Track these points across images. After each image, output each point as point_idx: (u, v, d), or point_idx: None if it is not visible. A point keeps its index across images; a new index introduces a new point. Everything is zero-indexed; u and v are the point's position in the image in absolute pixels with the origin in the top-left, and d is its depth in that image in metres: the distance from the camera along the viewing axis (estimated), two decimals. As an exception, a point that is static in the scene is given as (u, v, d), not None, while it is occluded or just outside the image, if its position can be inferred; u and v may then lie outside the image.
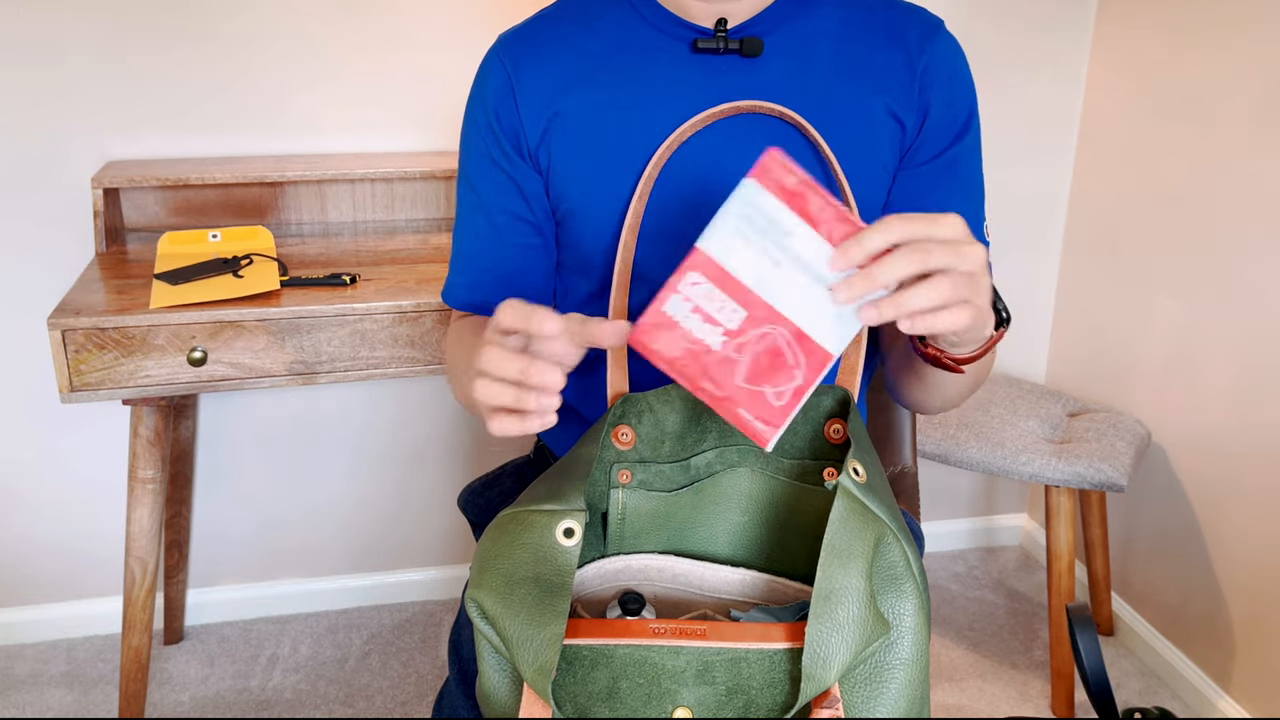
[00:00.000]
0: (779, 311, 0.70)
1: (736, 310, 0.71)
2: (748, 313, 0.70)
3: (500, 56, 0.98)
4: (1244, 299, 1.70)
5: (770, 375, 0.70)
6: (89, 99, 1.73)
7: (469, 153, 1.01)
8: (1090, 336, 2.10)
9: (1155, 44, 1.87)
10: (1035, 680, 1.92)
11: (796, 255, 0.70)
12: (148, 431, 1.50)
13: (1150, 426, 1.93)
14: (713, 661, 0.68)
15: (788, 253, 0.70)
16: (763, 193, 0.70)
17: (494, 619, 0.69)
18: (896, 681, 0.69)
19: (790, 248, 0.70)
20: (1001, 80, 2.03)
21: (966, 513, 2.35)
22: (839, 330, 0.70)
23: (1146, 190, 1.91)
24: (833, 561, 0.67)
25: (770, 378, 0.70)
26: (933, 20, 0.96)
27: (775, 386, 0.70)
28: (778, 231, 0.70)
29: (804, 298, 0.70)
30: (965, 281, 0.69)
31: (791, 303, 0.70)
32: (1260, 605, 1.70)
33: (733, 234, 0.71)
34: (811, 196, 0.69)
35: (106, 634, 2.00)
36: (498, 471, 1.13)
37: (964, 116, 0.96)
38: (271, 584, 2.07)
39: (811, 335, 0.70)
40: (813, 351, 0.70)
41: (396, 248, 1.70)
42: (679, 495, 0.83)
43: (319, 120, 1.82)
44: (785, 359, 0.70)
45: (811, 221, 0.69)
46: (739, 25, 0.94)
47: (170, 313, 1.39)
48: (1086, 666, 0.75)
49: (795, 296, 0.70)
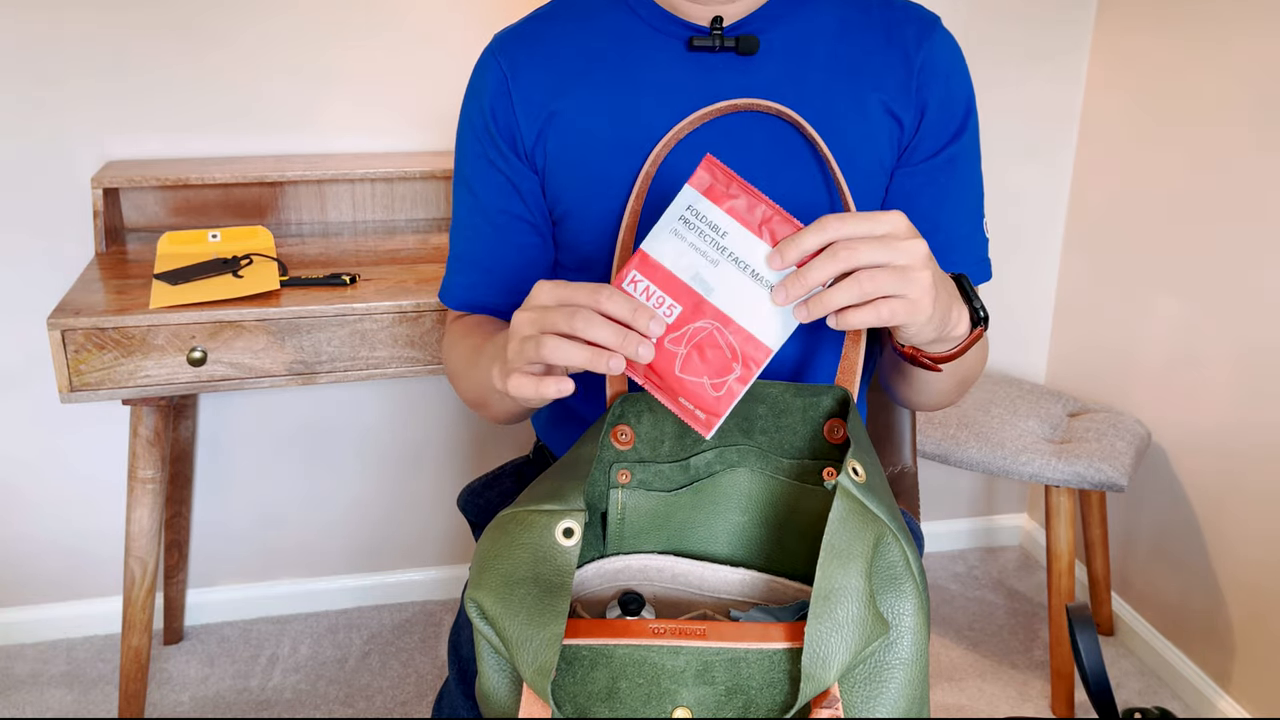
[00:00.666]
0: (716, 307, 0.75)
1: (674, 306, 0.75)
2: (684, 308, 0.75)
3: (496, 56, 0.98)
4: (1244, 299, 1.70)
5: (708, 368, 0.74)
6: (89, 99, 1.73)
7: (465, 153, 1.01)
8: (1090, 336, 2.10)
9: (1155, 43, 1.87)
10: (1035, 680, 1.92)
11: (733, 254, 0.74)
12: (148, 431, 1.50)
13: (1150, 426, 1.93)
14: (712, 661, 0.68)
15: (724, 253, 0.75)
16: (699, 198, 0.75)
17: (493, 619, 0.69)
18: (896, 681, 0.69)
19: (726, 248, 0.74)
20: (1001, 79, 2.03)
21: (966, 513, 2.35)
22: (777, 327, 0.74)
23: (1146, 190, 1.91)
24: (832, 561, 0.67)
25: (708, 370, 0.74)
26: (929, 17, 0.96)
27: (714, 379, 0.74)
28: (715, 233, 0.75)
29: (740, 295, 0.74)
30: (896, 276, 0.71)
31: (728, 299, 0.74)
32: (1260, 605, 1.70)
33: (672, 235, 0.75)
34: (746, 199, 0.74)
35: (106, 634, 2.00)
36: (497, 471, 1.13)
37: (962, 114, 0.96)
38: (271, 584, 2.07)
39: (749, 330, 0.74)
40: (750, 345, 0.74)
41: (396, 248, 1.70)
42: (678, 495, 0.83)
43: (319, 120, 1.82)
44: (723, 353, 0.74)
45: (747, 222, 0.74)
46: (735, 23, 0.94)
47: (170, 313, 1.39)
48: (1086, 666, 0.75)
49: (732, 294, 0.74)
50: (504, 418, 0.97)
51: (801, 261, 0.72)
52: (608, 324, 0.72)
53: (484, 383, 0.90)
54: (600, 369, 0.72)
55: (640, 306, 0.73)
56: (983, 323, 0.83)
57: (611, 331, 0.71)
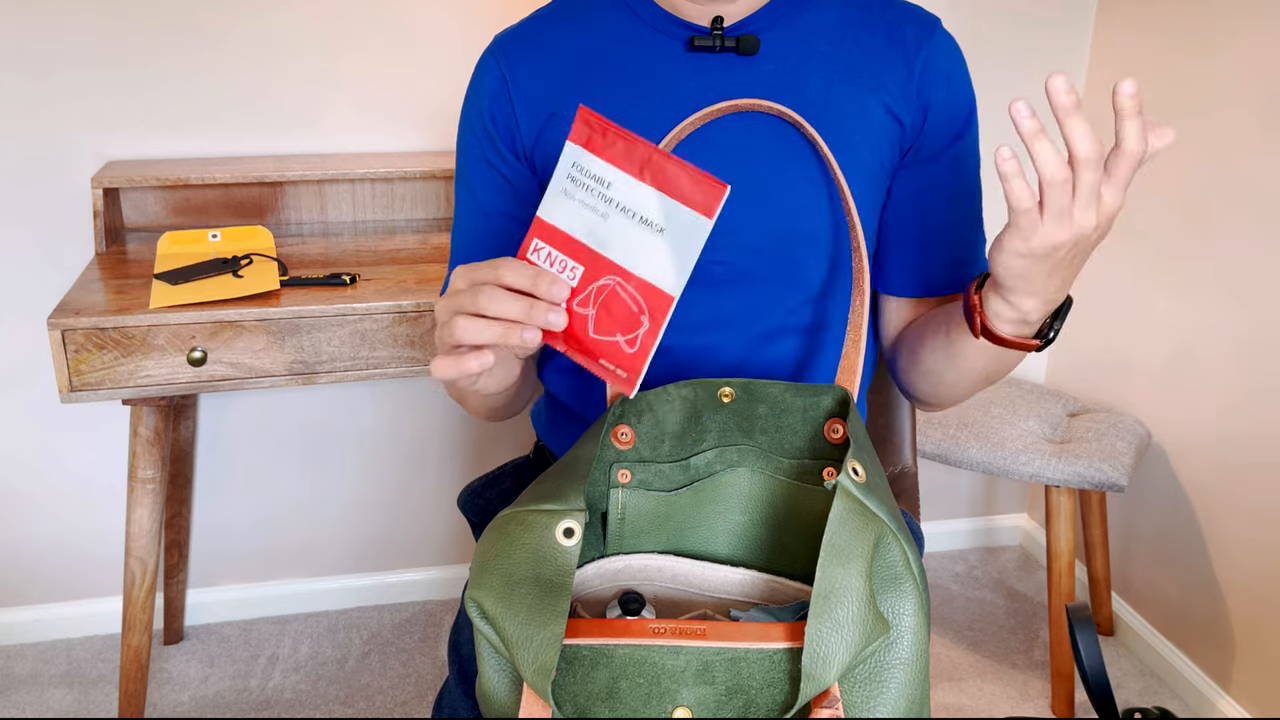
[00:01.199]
0: (613, 261, 0.74)
1: (576, 267, 0.74)
2: (585, 268, 0.74)
3: (496, 57, 0.98)
4: (1244, 299, 1.70)
5: (619, 324, 0.74)
6: (89, 99, 1.73)
7: (465, 154, 1.01)
8: (1090, 336, 2.10)
9: (1155, 44, 1.87)
10: (1035, 680, 1.92)
11: (620, 204, 0.73)
12: (148, 431, 1.50)
13: (1150, 427, 1.93)
14: (712, 661, 0.68)
15: (611, 204, 0.73)
16: (581, 152, 0.74)
17: (494, 619, 0.69)
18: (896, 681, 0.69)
19: (613, 198, 0.73)
20: (1001, 79, 2.03)
21: (966, 513, 2.35)
22: (673, 272, 0.73)
23: (1146, 190, 1.91)
24: (832, 561, 0.67)
25: (619, 326, 0.74)
26: (930, 19, 0.96)
27: (626, 334, 0.74)
28: (600, 185, 0.74)
29: (634, 244, 0.73)
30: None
31: (623, 251, 0.73)
32: (1260, 605, 1.70)
33: (562, 196, 0.74)
34: (624, 144, 0.73)
35: (106, 634, 2.00)
36: (497, 471, 1.13)
37: (964, 116, 0.96)
38: (271, 584, 2.07)
39: (647, 279, 0.73)
40: (653, 295, 0.73)
41: (396, 247, 1.70)
42: (678, 495, 0.83)
43: (319, 120, 1.82)
44: (629, 307, 0.74)
45: (628, 169, 0.73)
46: (735, 24, 0.94)
47: (170, 313, 1.39)
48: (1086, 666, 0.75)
49: (626, 244, 0.73)
50: (483, 411, 0.98)
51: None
52: (513, 297, 0.72)
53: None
54: (515, 343, 0.72)
55: (541, 272, 0.72)
56: (1047, 342, 0.83)
57: (517, 304, 0.72)
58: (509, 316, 0.72)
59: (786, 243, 0.94)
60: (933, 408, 1.04)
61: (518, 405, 1.02)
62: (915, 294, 1.00)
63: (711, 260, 0.94)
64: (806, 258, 0.95)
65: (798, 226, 0.93)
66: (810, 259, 0.95)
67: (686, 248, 0.72)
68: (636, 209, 0.73)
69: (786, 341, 0.98)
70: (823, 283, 0.96)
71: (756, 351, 0.98)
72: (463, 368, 0.73)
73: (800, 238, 0.94)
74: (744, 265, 0.94)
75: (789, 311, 0.97)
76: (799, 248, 0.94)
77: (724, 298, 0.96)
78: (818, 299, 0.97)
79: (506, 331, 0.72)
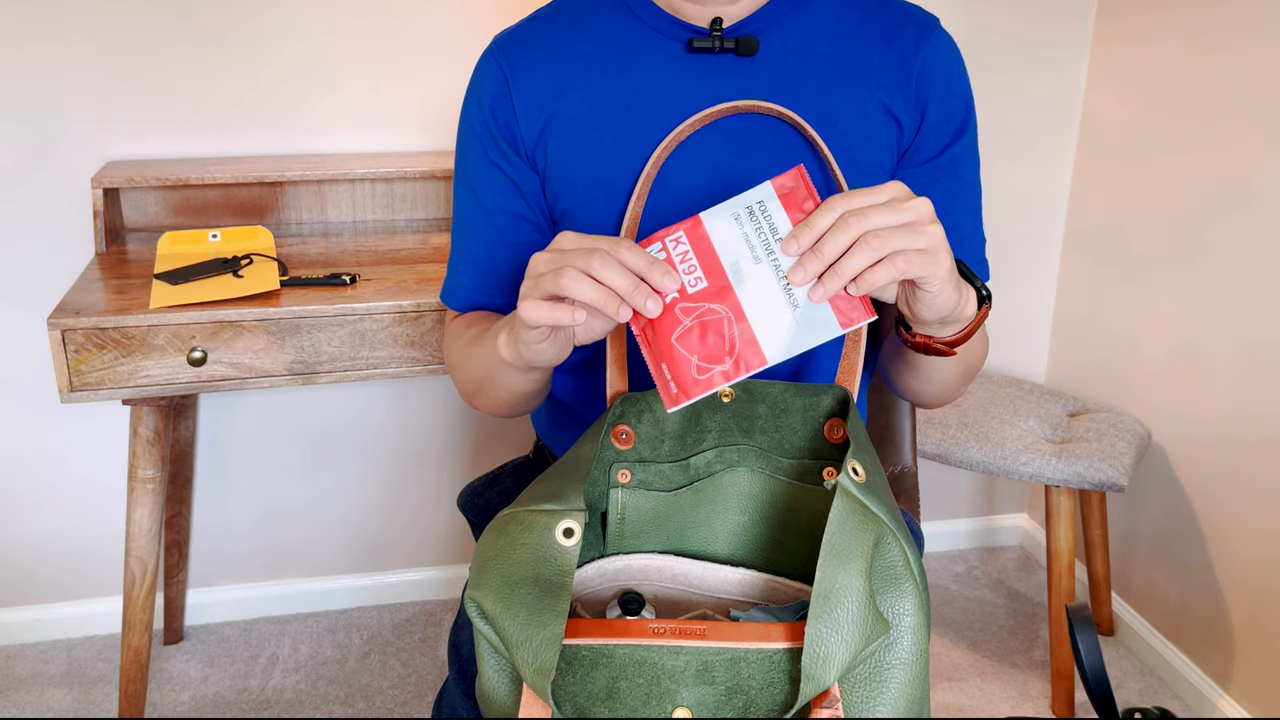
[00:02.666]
0: (737, 299, 0.74)
1: (702, 280, 0.75)
2: (709, 287, 0.74)
3: (496, 57, 0.98)
4: (1244, 299, 1.70)
5: (703, 349, 0.74)
6: (89, 99, 1.73)
7: (466, 154, 1.01)
8: (1090, 336, 2.10)
9: (1155, 44, 1.87)
10: (1035, 680, 1.92)
11: (777, 260, 0.74)
12: (148, 431, 1.50)
13: (1150, 426, 1.93)
14: (712, 661, 0.68)
15: (770, 255, 0.74)
16: (774, 197, 0.75)
17: (493, 619, 0.69)
18: (896, 681, 0.69)
19: (775, 251, 0.74)
20: (1001, 80, 2.03)
21: (966, 513, 2.35)
22: (783, 342, 0.73)
23: (1146, 190, 1.91)
24: (832, 561, 0.67)
25: (701, 351, 0.74)
26: (928, 19, 0.96)
27: (702, 360, 0.74)
28: (772, 234, 0.74)
29: (766, 299, 0.73)
30: (907, 232, 0.72)
31: (752, 298, 0.74)
32: (1260, 605, 1.70)
33: (731, 219, 0.75)
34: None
35: (106, 634, 2.00)
36: (497, 471, 1.13)
37: (962, 116, 0.96)
38: (271, 584, 2.07)
39: (756, 334, 0.73)
40: (751, 347, 0.73)
41: (396, 248, 1.70)
42: (678, 495, 0.83)
43: (319, 120, 1.82)
44: (723, 342, 0.74)
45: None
46: (734, 25, 0.94)
47: (170, 313, 1.39)
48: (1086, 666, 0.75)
49: (759, 294, 0.74)
50: (504, 400, 0.96)
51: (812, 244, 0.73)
52: (624, 271, 0.73)
53: (489, 358, 0.90)
54: (610, 312, 0.73)
55: (656, 262, 0.73)
56: (987, 300, 0.84)
57: (626, 279, 0.73)
58: (614, 287, 0.73)
59: (787, 242, 0.94)
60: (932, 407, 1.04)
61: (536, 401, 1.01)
62: None
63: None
64: (806, 257, 0.95)
65: (798, 226, 0.93)
66: (810, 259, 0.95)
67: (807, 334, 0.73)
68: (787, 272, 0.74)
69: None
70: (823, 282, 0.96)
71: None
72: (557, 315, 0.74)
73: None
74: (744, 265, 0.94)
75: (789, 311, 0.97)
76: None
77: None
78: (818, 299, 0.97)
79: (607, 299, 0.73)
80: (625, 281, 0.73)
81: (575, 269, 0.73)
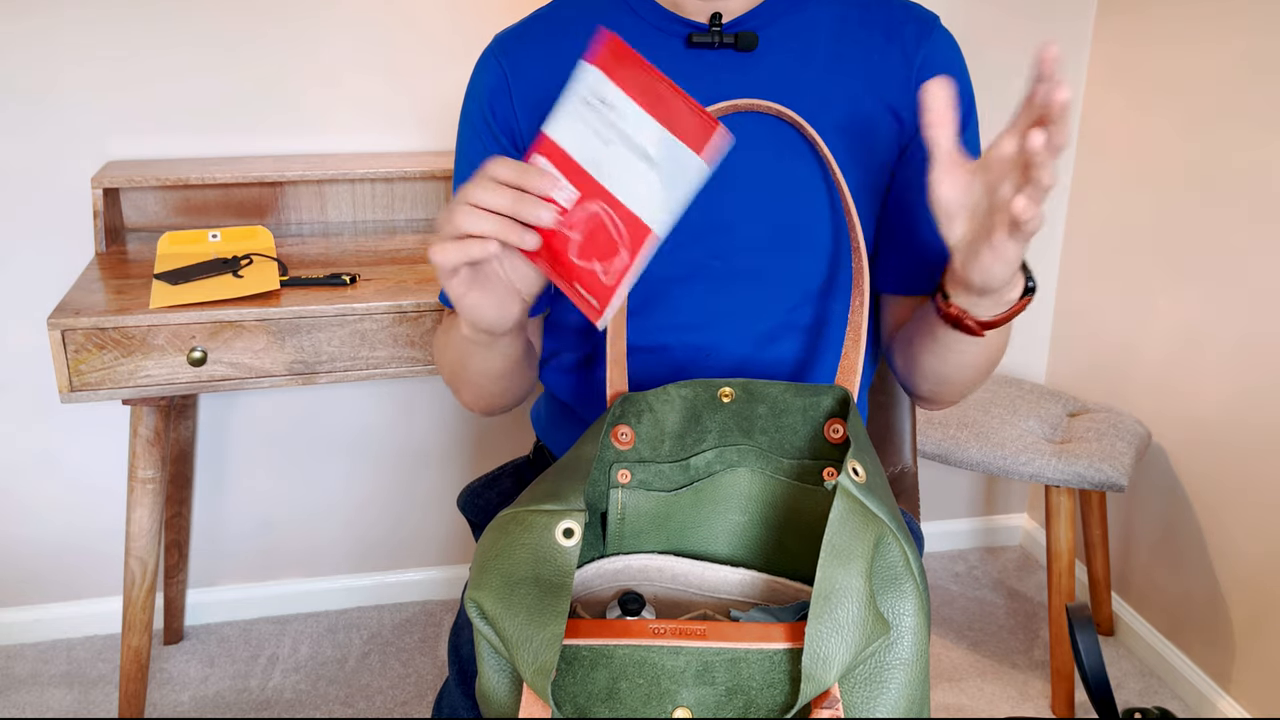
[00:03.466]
0: (605, 188, 0.73)
1: (572, 191, 0.74)
2: (580, 192, 0.74)
3: (496, 55, 0.98)
4: (1244, 299, 1.70)
5: (599, 252, 0.74)
6: (89, 99, 1.73)
7: (466, 151, 1.01)
8: (1090, 336, 2.10)
9: (1155, 44, 1.87)
10: (1035, 680, 1.92)
11: (626, 135, 0.73)
12: (148, 431, 1.50)
13: (1150, 426, 1.93)
14: (712, 662, 0.68)
15: (618, 131, 0.73)
16: (599, 76, 0.73)
17: (494, 619, 0.69)
18: (896, 681, 0.69)
19: (621, 128, 0.73)
20: (1001, 79, 2.03)
21: (966, 513, 2.35)
22: (659, 208, 0.72)
23: (1146, 190, 1.91)
24: (832, 561, 0.67)
25: (599, 254, 0.74)
26: (929, 16, 0.96)
27: (604, 264, 0.74)
28: (612, 113, 0.73)
29: (630, 176, 0.72)
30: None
31: (618, 180, 0.73)
32: (1260, 605, 1.70)
33: (572, 117, 0.74)
34: (645, 76, 0.72)
35: (106, 634, 2.00)
36: (497, 471, 1.13)
37: (963, 112, 0.96)
38: (271, 584, 2.07)
39: (635, 211, 0.73)
40: (636, 227, 0.73)
41: (396, 248, 1.70)
42: (678, 495, 0.83)
43: (319, 120, 1.82)
44: (611, 236, 0.73)
45: (643, 101, 0.72)
46: (734, 20, 0.94)
47: (170, 313, 1.39)
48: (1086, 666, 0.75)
49: (622, 174, 0.73)
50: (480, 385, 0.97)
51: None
52: (504, 190, 0.73)
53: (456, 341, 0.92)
54: (513, 239, 0.73)
55: (525, 169, 0.73)
56: (1031, 292, 0.83)
57: (506, 196, 0.73)
58: (499, 209, 0.73)
59: (786, 241, 0.94)
60: (936, 405, 1.03)
61: (514, 390, 1.00)
62: (913, 291, 1.00)
63: (711, 258, 0.94)
64: (806, 256, 0.95)
65: (797, 224, 0.93)
66: (810, 257, 0.95)
67: (679, 187, 0.72)
68: (640, 141, 0.72)
69: (787, 340, 0.98)
70: (822, 281, 0.96)
71: (757, 350, 0.97)
72: (466, 249, 0.74)
73: (800, 236, 0.94)
74: (744, 263, 0.94)
75: (789, 310, 0.97)
76: (799, 246, 0.94)
77: (724, 296, 0.96)
78: (818, 298, 0.97)
79: (502, 226, 0.73)
80: (506, 199, 0.73)
81: (465, 204, 0.73)
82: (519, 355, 0.93)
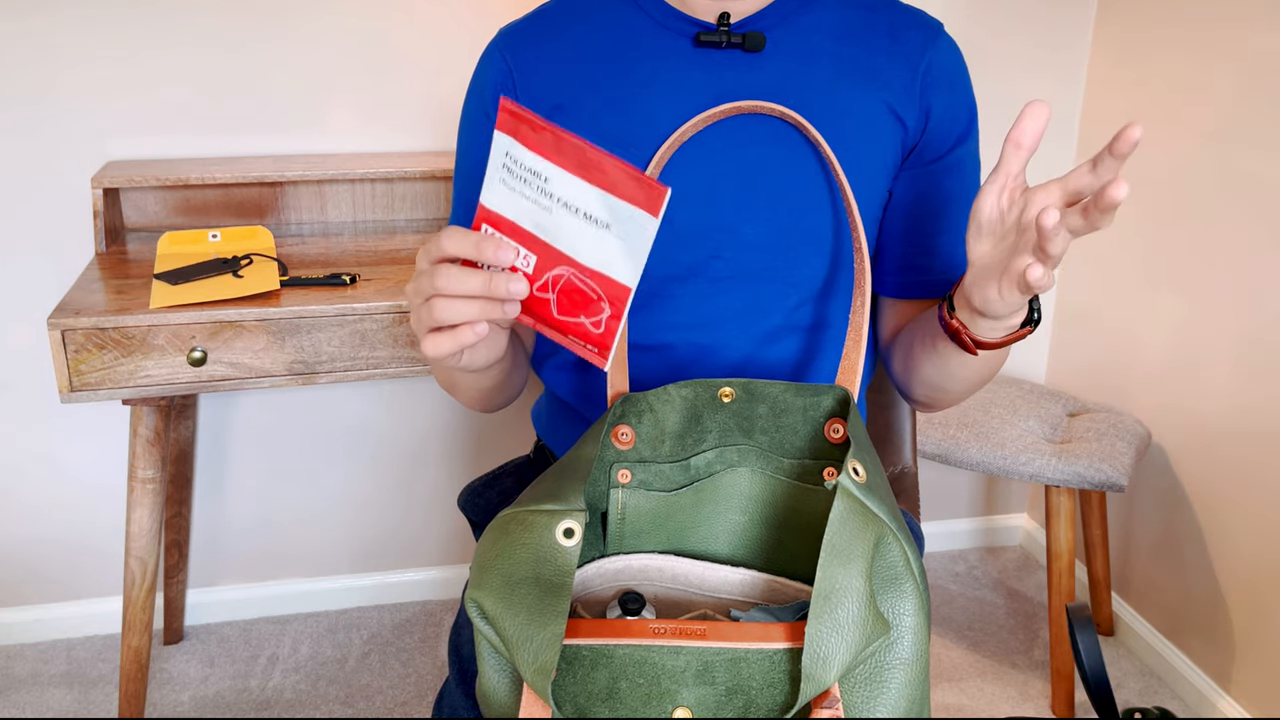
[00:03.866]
0: (564, 254, 0.73)
1: (529, 256, 0.74)
2: (538, 257, 0.74)
3: (501, 51, 0.98)
4: (1244, 299, 1.70)
5: (580, 309, 0.74)
6: (89, 99, 1.73)
7: (467, 147, 1.01)
8: (1090, 336, 2.10)
9: (1155, 44, 1.87)
10: (1035, 680, 1.92)
11: (561, 199, 0.72)
12: (148, 431, 1.50)
13: (1150, 426, 1.93)
14: (713, 661, 0.68)
15: (552, 198, 0.73)
16: (513, 143, 0.73)
17: (494, 619, 0.69)
18: (896, 681, 0.69)
19: (552, 193, 0.73)
20: (1002, 80, 2.03)
21: (966, 513, 2.35)
22: (628, 264, 0.72)
23: (1146, 190, 1.91)
24: (833, 561, 0.67)
25: (582, 310, 0.74)
26: (933, 23, 0.96)
27: (590, 318, 0.74)
28: (537, 178, 0.73)
29: (582, 239, 0.73)
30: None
31: (573, 245, 0.73)
32: (1260, 605, 1.70)
33: (501, 185, 0.74)
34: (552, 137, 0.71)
35: (106, 634, 2.00)
36: (498, 471, 1.13)
37: (965, 119, 0.97)
38: (271, 584, 2.07)
39: (603, 272, 0.73)
40: (610, 285, 0.73)
41: (396, 248, 1.70)
42: (679, 495, 0.83)
43: (319, 120, 1.82)
44: (587, 294, 0.74)
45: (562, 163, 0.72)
46: (741, 21, 0.94)
47: (170, 313, 1.39)
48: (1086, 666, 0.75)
49: (574, 239, 0.73)
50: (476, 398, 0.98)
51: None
52: (470, 272, 0.72)
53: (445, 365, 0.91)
54: (496, 316, 0.73)
55: (483, 239, 0.72)
56: (1033, 324, 0.84)
57: (476, 278, 0.72)
58: (471, 292, 0.72)
59: (788, 241, 0.94)
60: (931, 409, 1.04)
61: (510, 391, 1.01)
62: (911, 296, 1.01)
63: (713, 258, 0.94)
64: (808, 256, 0.95)
65: (799, 225, 0.94)
66: (811, 258, 0.95)
67: (636, 243, 0.72)
68: (579, 205, 0.72)
69: (788, 340, 0.98)
70: (824, 282, 0.96)
71: (758, 350, 0.98)
72: (459, 338, 0.74)
73: (802, 236, 0.94)
74: (745, 263, 0.94)
75: (790, 310, 0.97)
76: (800, 246, 0.94)
77: (725, 296, 0.96)
78: (819, 298, 0.97)
79: (485, 308, 0.73)
80: (477, 282, 0.72)
81: (438, 298, 0.73)
82: (509, 366, 0.94)
